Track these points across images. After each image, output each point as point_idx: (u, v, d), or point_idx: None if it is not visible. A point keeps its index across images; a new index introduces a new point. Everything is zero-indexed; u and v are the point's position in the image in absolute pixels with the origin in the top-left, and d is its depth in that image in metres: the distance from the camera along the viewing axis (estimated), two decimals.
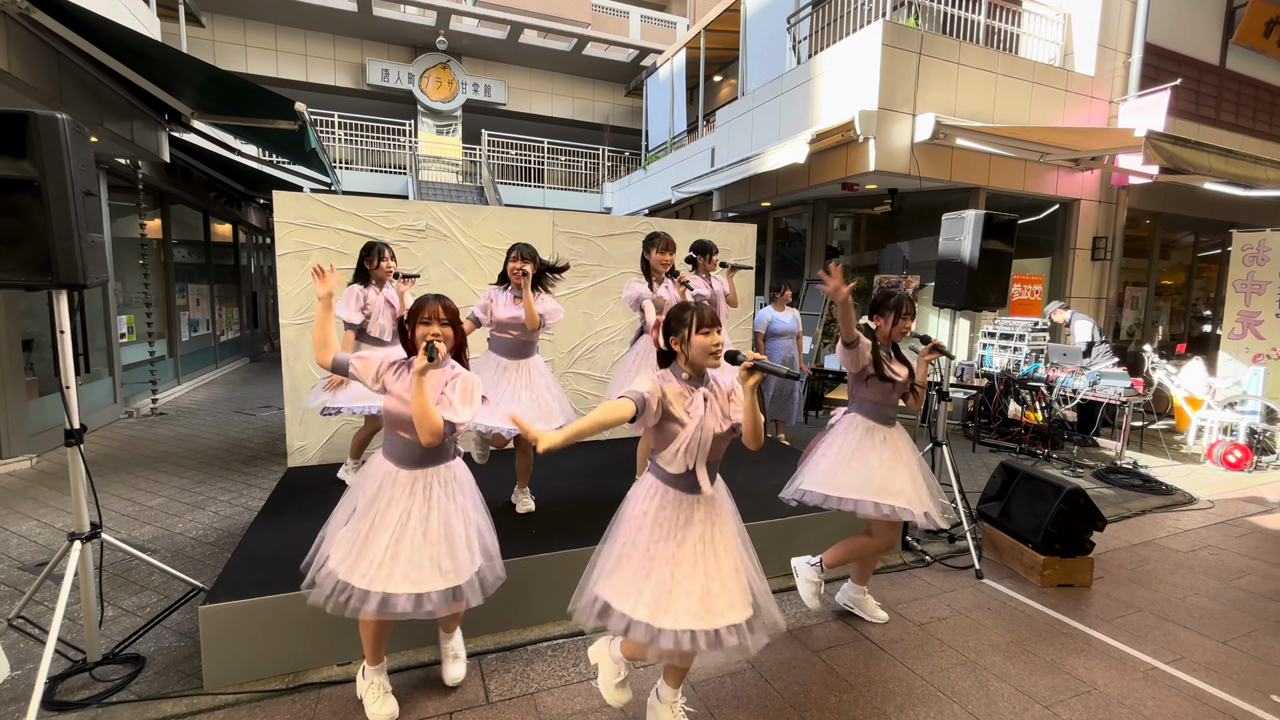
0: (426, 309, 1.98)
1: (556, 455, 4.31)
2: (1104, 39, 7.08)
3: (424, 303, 1.99)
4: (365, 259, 3.39)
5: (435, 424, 1.87)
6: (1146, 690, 2.40)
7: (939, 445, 3.66)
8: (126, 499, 4.16)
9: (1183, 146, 5.48)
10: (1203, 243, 9.29)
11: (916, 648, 2.64)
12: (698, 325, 1.80)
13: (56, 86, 4.40)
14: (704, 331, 1.80)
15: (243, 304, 11.49)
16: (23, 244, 1.99)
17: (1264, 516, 4.39)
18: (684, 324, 1.82)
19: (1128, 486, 4.89)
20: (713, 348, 1.80)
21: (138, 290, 7.00)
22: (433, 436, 1.88)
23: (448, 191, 13.54)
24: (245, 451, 5.36)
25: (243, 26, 13.51)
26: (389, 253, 3.41)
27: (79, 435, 2.27)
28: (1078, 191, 7.23)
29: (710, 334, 1.80)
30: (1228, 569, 3.53)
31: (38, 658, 2.38)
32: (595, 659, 2.10)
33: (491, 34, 14.59)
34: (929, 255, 7.38)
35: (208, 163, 8.29)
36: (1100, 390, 5.49)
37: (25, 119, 1.95)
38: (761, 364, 1.69)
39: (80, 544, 2.27)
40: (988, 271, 3.56)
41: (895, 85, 6.04)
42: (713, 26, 10.28)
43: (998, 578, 3.32)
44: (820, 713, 2.22)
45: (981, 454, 5.80)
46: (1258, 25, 7.93)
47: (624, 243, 4.76)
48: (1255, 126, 8.31)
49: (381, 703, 2.11)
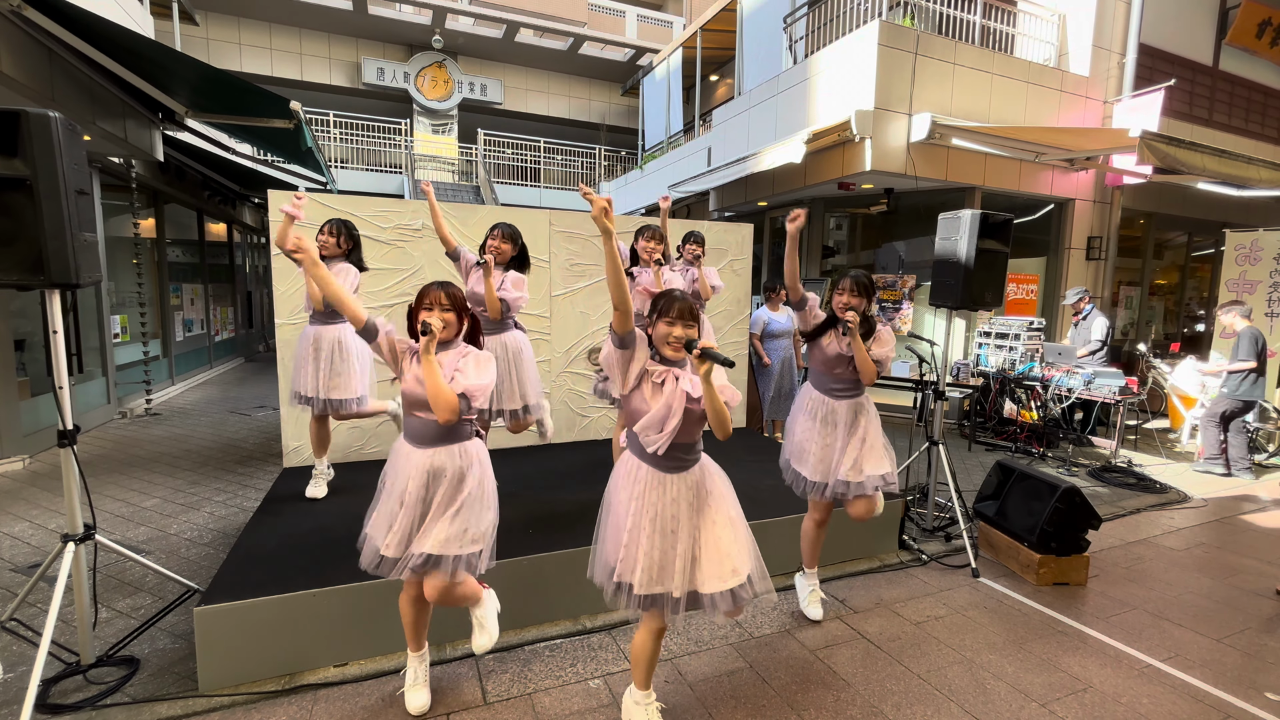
0: (429, 295, 2.01)
1: (554, 456, 4.28)
2: (1098, 39, 7.11)
3: (427, 289, 2.03)
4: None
5: (450, 400, 1.91)
6: (1142, 688, 2.41)
7: (935, 444, 3.67)
8: (121, 500, 4.13)
9: (1177, 147, 5.51)
10: (1196, 242, 9.34)
11: (913, 646, 2.65)
12: (661, 313, 1.87)
13: (49, 84, 4.37)
14: (666, 320, 1.85)
15: (237, 304, 11.44)
16: (14, 243, 1.98)
17: (1257, 514, 4.42)
18: (655, 309, 1.89)
19: (1122, 485, 4.92)
20: (670, 339, 1.84)
21: (131, 290, 6.96)
22: (450, 413, 1.92)
23: (443, 191, 13.51)
24: (240, 452, 5.33)
25: (237, 24, 13.45)
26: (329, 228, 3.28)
27: (72, 436, 2.25)
28: (1072, 191, 7.26)
29: (674, 326, 1.84)
30: (1221, 567, 3.55)
31: (30, 660, 2.37)
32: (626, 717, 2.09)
33: (487, 33, 14.55)
34: (925, 254, 7.40)
35: (202, 161, 8.24)
36: (1095, 389, 5.51)
37: (17, 117, 1.93)
38: (709, 351, 1.72)
39: (74, 545, 2.26)
40: (984, 271, 3.56)
41: (891, 85, 6.05)
42: (709, 26, 10.28)
43: (994, 576, 3.33)
44: (817, 711, 2.22)
45: (977, 453, 5.82)
46: (1250, 26, 7.98)
47: (621, 242, 4.75)
48: (1248, 127, 8.36)
49: (414, 693, 2.16)
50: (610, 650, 2.55)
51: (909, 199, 7.23)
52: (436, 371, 1.91)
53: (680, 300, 1.85)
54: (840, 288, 2.61)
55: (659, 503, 1.88)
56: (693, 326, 1.85)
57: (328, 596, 2.37)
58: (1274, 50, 8.29)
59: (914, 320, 7.30)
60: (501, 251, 3.09)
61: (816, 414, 2.71)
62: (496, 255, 3.09)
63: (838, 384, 2.68)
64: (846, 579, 3.23)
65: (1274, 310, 6.39)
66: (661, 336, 1.85)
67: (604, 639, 2.63)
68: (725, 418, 1.80)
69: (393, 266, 4.13)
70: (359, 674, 2.35)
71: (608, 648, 2.57)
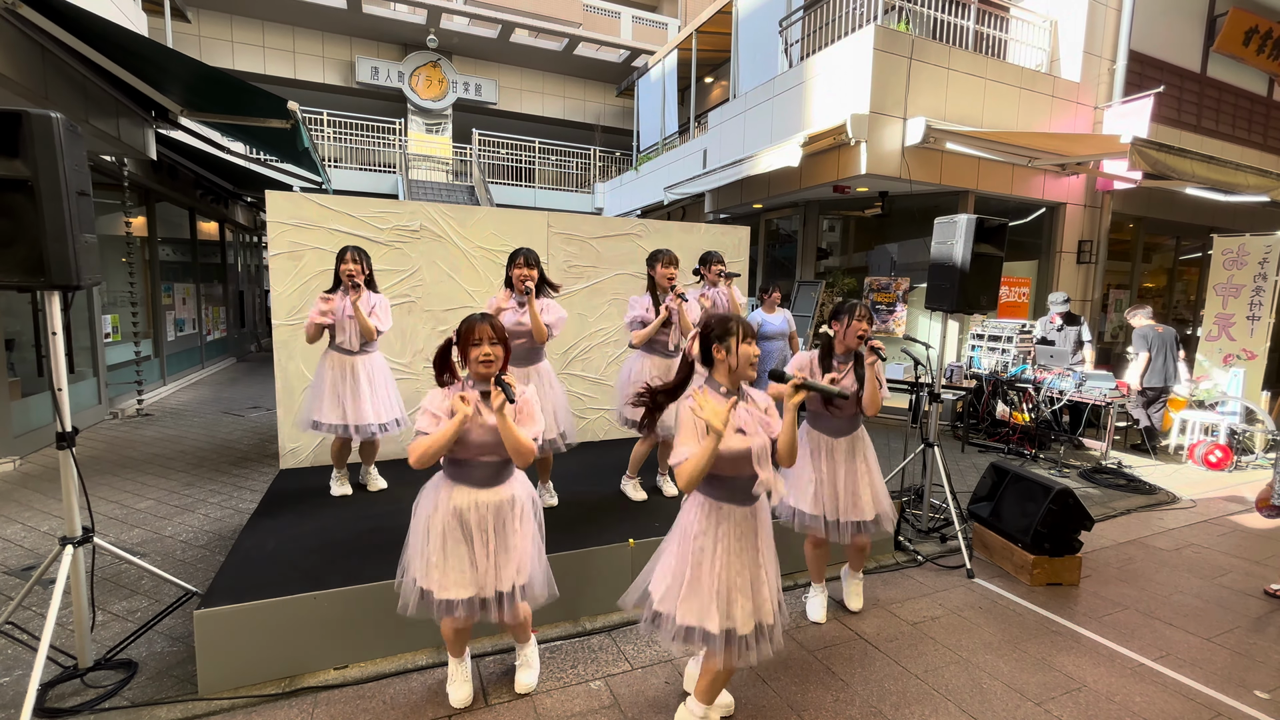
0: (476, 330, 2.00)
1: (557, 459, 4.29)
2: (1089, 45, 7.20)
3: (472, 324, 2.01)
4: (339, 261, 3.27)
5: (530, 448, 1.97)
6: (1134, 686, 2.45)
7: (930, 446, 3.71)
8: (114, 502, 4.10)
9: (1166, 152, 5.59)
10: (1184, 246, 9.47)
11: (910, 647, 2.67)
12: (744, 335, 1.86)
13: (42, 82, 4.33)
14: (748, 341, 1.86)
15: (229, 303, 11.35)
16: (15, 244, 1.96)
17: (1244, 515, 4.49)
18: (730, 333, 1.86)
19: (1113, 486, 4.98)
20: (754, 359, 1.86)
21: (123, 289, 6.89)
22: (529, 459, 1.99)
23: (438, 191, 13.46)
24: (234, 453, 5.30)
25: (229, 22, 13.35)
26: (349, 255, 3.24)
27: (71, 438, 2.24)
28: (1064, 195, 7.34)
29: (752, 345, 1.86)
30: (1210, 567, 3.61)
31: (25, 664, 2.35)
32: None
33: (482, 33, 14.53)
34: (918, 257, 7.46)
35: (195, 160, 8.17)
36: (1086, 392, 5.58)
37: (19, 118, 1.92)
38: (809, 383, 1.74)
39: (72, 548, 2.24)
40: (979, 275, 3.60)
41: (886, 89, 6.10)
42: (704, 28, 10.31)
43: (988, 577, 3.37)
44: (817, 712, 2.24)
45: (971, 454, 5.88)
46: (1237, 34, 8.10)
47: (618, 244, 4.77)
48: (1235, 133, 8.49)
49: (458, 687, 2.24)
50: (610, 652, 2.57)
51: (902, 202, 7.29)
52: (512, 426, 1.94)
53: (741, 320, 1.89)
54: (857, 314, 2.61)
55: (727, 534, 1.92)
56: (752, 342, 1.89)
57: (328, 599, 2.36)
58: (1261, 57, 8.42)
59: (908, 323, 7.36)
60: (532, 278, 3.05)
61: (818, 451, 2.72)
62: (530, 282, 3.05)
63: (836, 420, 2.71)
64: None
65: (1255, 314, 6.49)
66: (747, 359, 1.86)
67: (604, 640, 2.65)
68: (796, 446, 1.87)
69: (391, 268, 4.12)
70: (360, 676, 2.35)
71: (608, 649, 2.58)
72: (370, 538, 2.87)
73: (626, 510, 3.31)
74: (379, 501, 3.38)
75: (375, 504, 3.35)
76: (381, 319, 3.32)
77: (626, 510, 3.31)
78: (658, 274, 3.34)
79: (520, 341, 3.08)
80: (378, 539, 2.84)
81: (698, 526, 1.90)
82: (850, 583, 2.98)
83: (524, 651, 2.35)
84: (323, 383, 3.31)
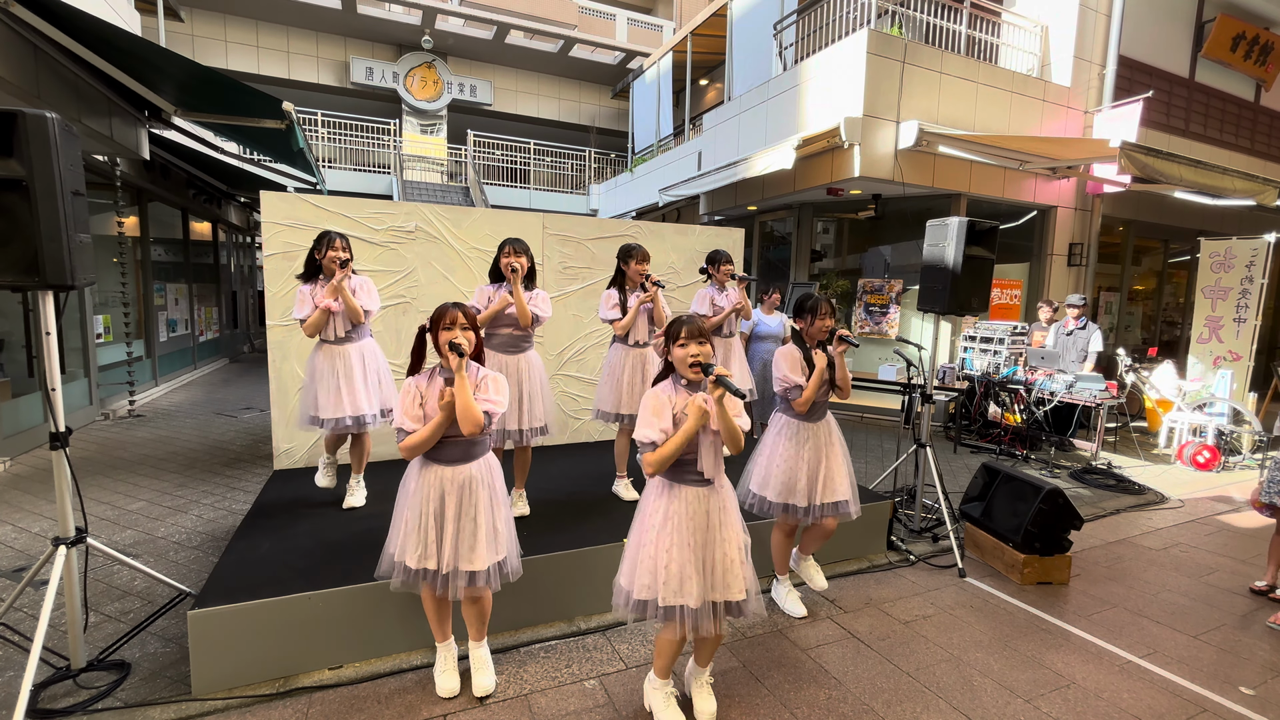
0: (448, 315, 2.10)
1: (545, 458, 4.30)
2: (1079, 50, 7.28)
3: (444, 310, 2.12)
4: (315, 249, 3.16)
5: (477, 416, 2.03)
6: (1123, 683, 2.48)
7: (923, 447, 3.74)
8: (105, 503, 4.08)
9: (1155, 157, 5.66)
10: (1173, 249, 9.57)
11: (902, 645, 2.70)
12: (675, 337, 1.98)
13: (34, 82, 4.31)
14: (680, 343, 1.96)
15: (222, 304, 11.29)
16: (10, 244, 1.96)
17: (1231, 515, 4.55)
18: (672, 336, 1.99)
19: (1103, 486, 5.04)
20: (689, 359, 1.93)
21: (114, 289, 6.85)
22: (475, 427, 2.03)
23: (433, 191, 13.45)
24: (227, 454, 5.27)
25: (223, 21, 13.30)
26: (340, 242, 3.11)
27: (64, 438, 2.23)
28: (1054, 198, 7.41)
29: (687, 346, 1.94)
30: (1198, 566, 3.65)
31: (16, 665, 2.34)
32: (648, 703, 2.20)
33: (477, 34, 14.53)
34: (910, 259, 7.52)
35: (187, 160, 8.14)
36: (1076, 393, 5.64)
37: (14, 118, 1.92)
38: (723, 379, 1.85)
39: (65, 549, 2.23)
40: (970, 277, 3.64)
41: (879, 92, 6.15)
42: (699, 30, 10.36)
43: (980, 576, 3.40)
44: (810, 709, 2.26)
45: (963, 455, 5.92)
46: (1225, 40, 8.21)
47: (614, 245, 4.77)
48: (1222, 137, 8.59)
49: (446, 677, 2.29)
50: (605, 651, 2.58)
51: (895, 204, 7.34)
52: (467, 388, 2.03)
53: (688, 322, 1.97)
54: (820, 312, 2.66)
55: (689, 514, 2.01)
56: (705, 344, 1.95)
57: (322, 599, 2.36)
58: (1248, 63, 8.54)
59: (900, 324, 7.41)
60: (520, 263, 3.06)
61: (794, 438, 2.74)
62: (518, 263, 3.05)
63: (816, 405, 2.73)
64: (836, 579, 3.28)
65: (1242, 316, 6.57)
66: (680, 360, 1.96)
67: (599, 640, 2.66)
68: (738, 435, 1.93)
69: (385, 269, 4.12)
70: (354, 676, 2.35)
71: (602, 648, 2.59)
72: (364, 538, 2.86)
73: (620, 510, 3.32)
74: (373, 502, 3.38)
75: (369, 505, 3.35)
76: (366, 300, 3.22)
77: (620, 510, 3.32)
78: (631, 270, 3.34)
79: (508, 330, 3.12)
80: (371, 539, 2.83)
81: (650, 505, 2.04)
82: (804, 565, 2.97)
83: (477, 652, 2.34)
84: (318, 378, 3.31)
